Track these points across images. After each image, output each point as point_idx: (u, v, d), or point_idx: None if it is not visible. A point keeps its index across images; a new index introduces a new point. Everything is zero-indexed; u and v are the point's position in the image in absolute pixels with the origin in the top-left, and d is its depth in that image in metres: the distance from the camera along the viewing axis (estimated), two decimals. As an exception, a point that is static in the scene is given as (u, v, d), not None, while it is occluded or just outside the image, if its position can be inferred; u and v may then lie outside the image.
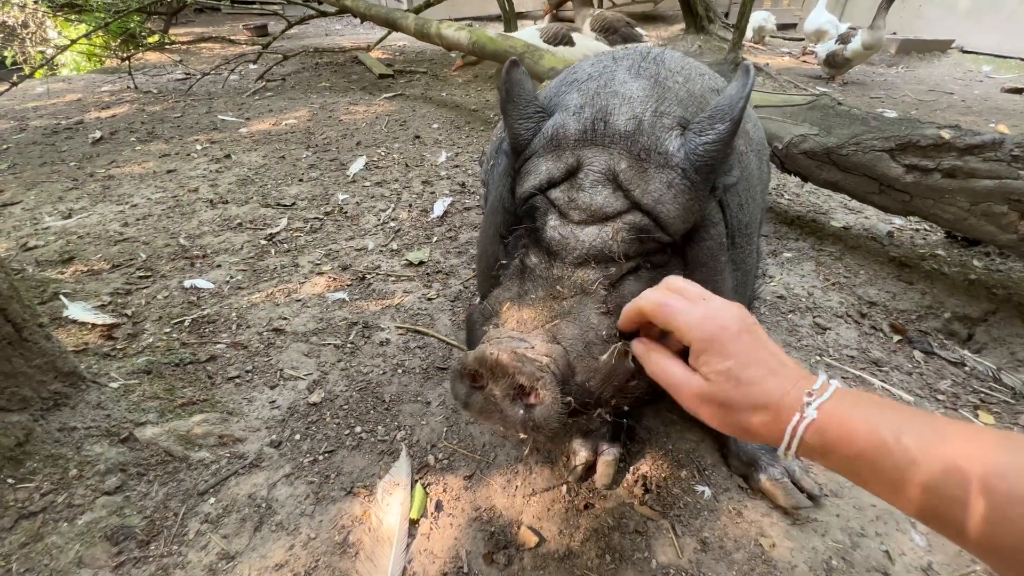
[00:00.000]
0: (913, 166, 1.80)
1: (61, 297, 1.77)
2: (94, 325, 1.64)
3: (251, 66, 5.61)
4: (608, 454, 1.23)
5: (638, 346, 0.68)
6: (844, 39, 5.00)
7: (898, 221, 2.44)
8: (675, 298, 0.63)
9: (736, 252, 0.99)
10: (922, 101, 4.75)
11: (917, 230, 2.37)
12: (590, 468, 1.23)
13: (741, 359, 0.56)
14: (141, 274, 2.01)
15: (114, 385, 1.30)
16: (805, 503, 1.15)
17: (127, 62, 5.00)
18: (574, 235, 0.80)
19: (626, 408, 0.90)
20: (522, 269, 0.84)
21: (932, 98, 4.89)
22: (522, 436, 0.71)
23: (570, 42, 3.95)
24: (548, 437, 0.72)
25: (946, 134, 1.73)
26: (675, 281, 0.67)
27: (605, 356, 0.75)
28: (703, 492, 1.21)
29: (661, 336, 0.68)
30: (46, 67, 5.23)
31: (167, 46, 6.14)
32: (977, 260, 2.11)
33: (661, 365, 0.63)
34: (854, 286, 1.97)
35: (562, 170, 0.84)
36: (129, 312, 1.76)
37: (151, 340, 1.62)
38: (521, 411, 0.69)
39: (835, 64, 5.13)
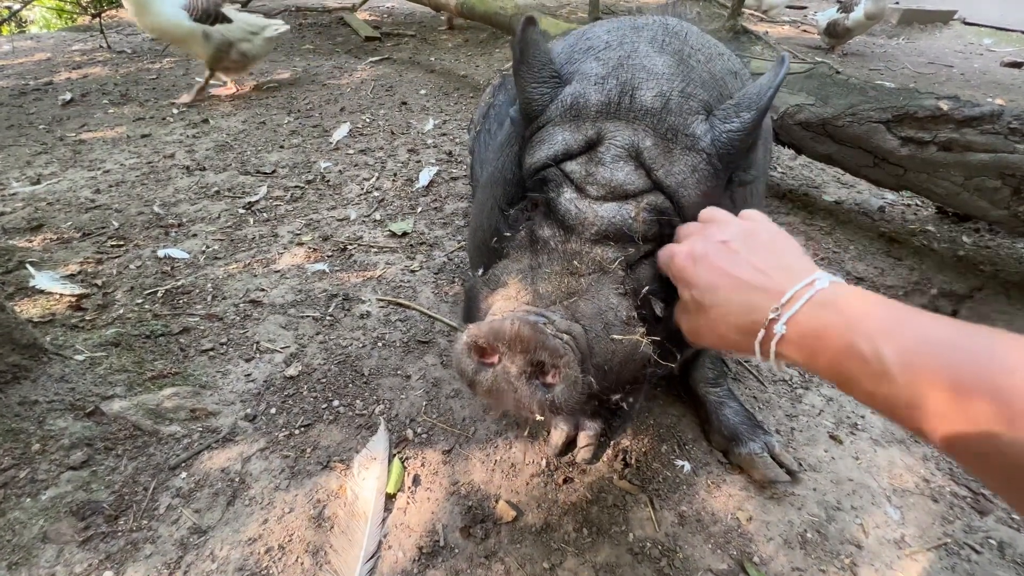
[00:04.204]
0: (909, 138, 1.76)
1: (28, 266, 1.70)
2: (62, 295, 1.58)
3: (231, 26, 5.35)
4: (589, 429, 1.21)
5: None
6: (846, 7, 4.86)
7: (890, 196, 2.41)
8: (672, 246, 0.69)
9: None
10: (921, 74, 4.66)
11: (909, 205, 2.34)
12: (570, 443, 1.22)
13: (703, 284, 0.59)
14: (113, 243, 1.94)
15: (79, 358, 1.26)
16: (783, 478, 1.15)
17: (98, 19, 4.75)
18: (592, 210, 0.76)
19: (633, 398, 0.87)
20: (532, 241, 0.80)
21: (931, 71, 4.80)
22: (538, 418, 0.68)
23: (225, 19, 3.25)
24: (563, 418, 0.69)
25: (944, 105, 1.68)
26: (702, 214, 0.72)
27: (625, 339, 0.71)
28: (683, 466, 1.21)
29: None
30: (12, 23, 4.96)
31: (141, 3, 5.81)
32: (967, 236, 2.09)
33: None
34: (842, 261, 1.95)
35: (581, 142, 0.79)
36: (99, 282, 1.70)
37: (121, 311, 1.57)
38: (539, 391, 0.65)
39: (836, 34, 5.00)
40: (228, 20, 3.27)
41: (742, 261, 0.58)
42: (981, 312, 1.70)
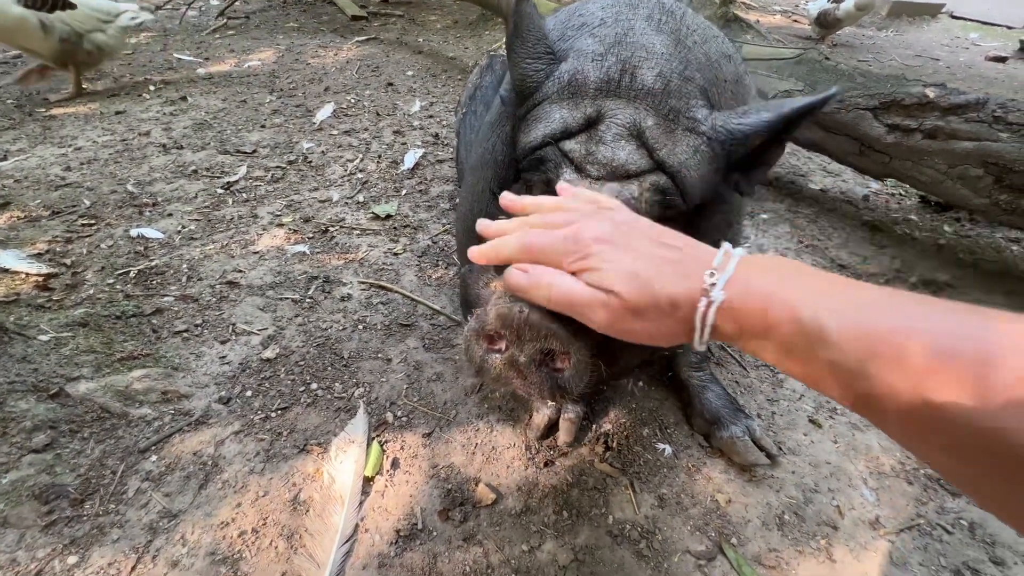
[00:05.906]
0: (895, 126, 1.76)
1: (-9, 244, 1.64)
2: (28, 275, 1.52)
3: (212, 1, 5.18)
4: (571, 412, 1.21)
5: (519, 278, 0.56)
6: (836, -3, 4.84)
7: (875, 185, 2.42)
8: (536, 232, 0.57)
9: (731, 232, 1.03)
10: (908, 67, 4.68)
11: (893, 195, 2.36)
12: (552, 426, 1.21)
13: (627, 263, 0.50)
14: (84, 222, 1.87)
15: (44, 338, 1.21)
16: (763, 461, 1.15)
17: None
18: (595, 190, 0.74)
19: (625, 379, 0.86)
20: None
21: (918, 64, 4.82)
22: (550, 402, 0.66)
23: (67, 4, 2.64)
24: (572, 400, 0.67)
25: (931, 92, 1.68)
26: (538, 204, 0.63)
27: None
28: (664, 450, 1.21)
29: None
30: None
31: (116, -24, 5.58)
32: (948, 225, 2.12)
33: (562, 288, 0.53)
34: (827, 248, 1.96)
35: (580, 120, 0.76)
36: (68, 261, 1.64)
37: (91, 291, 1.52)
38: (548, 377, 0.64)
39: (826, 24, 4.99)
40: (71, 5, 2.64)
41: (651, 239, 0.53)
42: (959, 299, 1.72)
